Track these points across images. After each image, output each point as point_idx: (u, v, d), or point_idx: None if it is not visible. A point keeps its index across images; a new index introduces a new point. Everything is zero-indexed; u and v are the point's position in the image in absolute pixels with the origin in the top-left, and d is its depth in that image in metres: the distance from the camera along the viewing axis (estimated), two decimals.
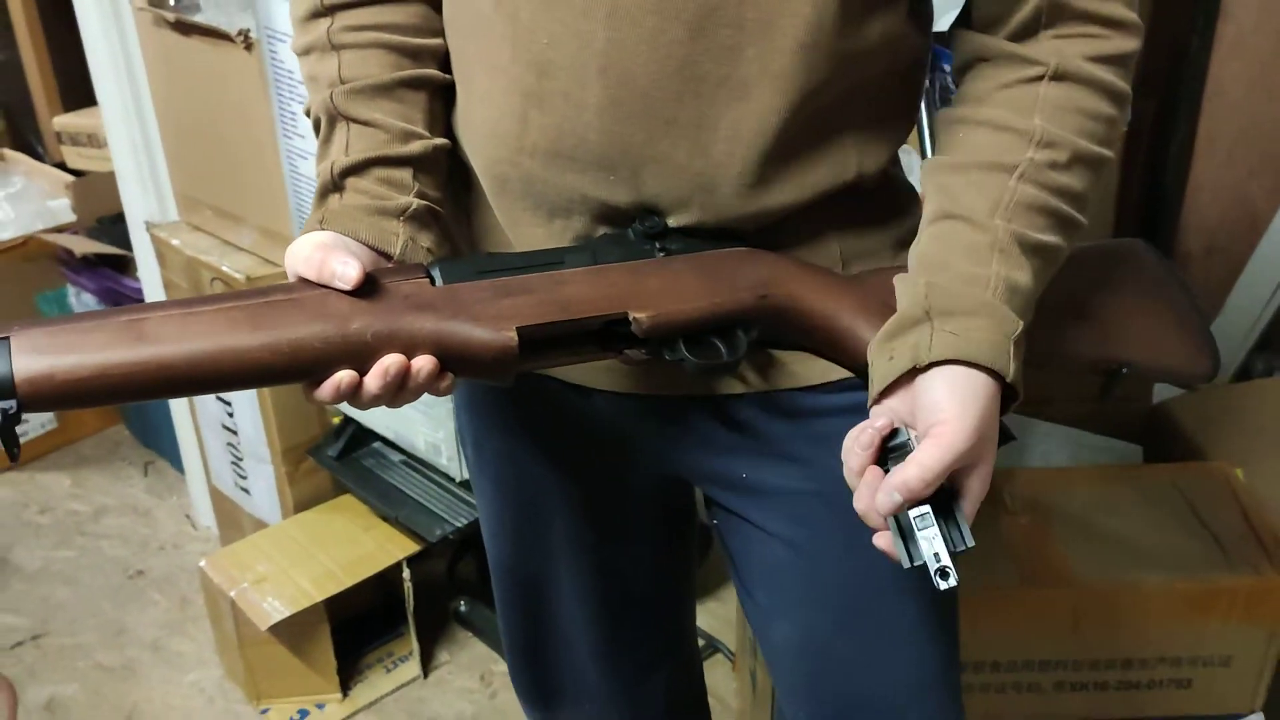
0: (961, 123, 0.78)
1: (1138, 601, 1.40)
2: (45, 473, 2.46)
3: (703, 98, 0.73)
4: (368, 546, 1.81)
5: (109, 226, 2.36)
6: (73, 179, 2.49)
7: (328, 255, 0.71)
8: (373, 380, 0.69)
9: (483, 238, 0.87)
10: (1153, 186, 1.99)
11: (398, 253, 0.77)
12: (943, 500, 0.70)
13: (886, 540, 0.71)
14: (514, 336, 0.71)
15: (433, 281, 0.73)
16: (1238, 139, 1.91)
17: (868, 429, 0.71)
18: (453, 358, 0.71)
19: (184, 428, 2.14)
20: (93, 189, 2.43)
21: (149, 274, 2.00)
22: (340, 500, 1.91)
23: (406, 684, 1.87)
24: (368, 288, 0.71)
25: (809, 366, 0.84)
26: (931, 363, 0.70)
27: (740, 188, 0.76)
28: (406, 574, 1.79)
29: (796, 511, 0.88)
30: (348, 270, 0.70)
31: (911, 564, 0.69)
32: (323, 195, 0.80)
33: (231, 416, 1.90)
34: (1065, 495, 1.53)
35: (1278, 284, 1.87)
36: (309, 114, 0.84)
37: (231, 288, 1.70)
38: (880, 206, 0.84)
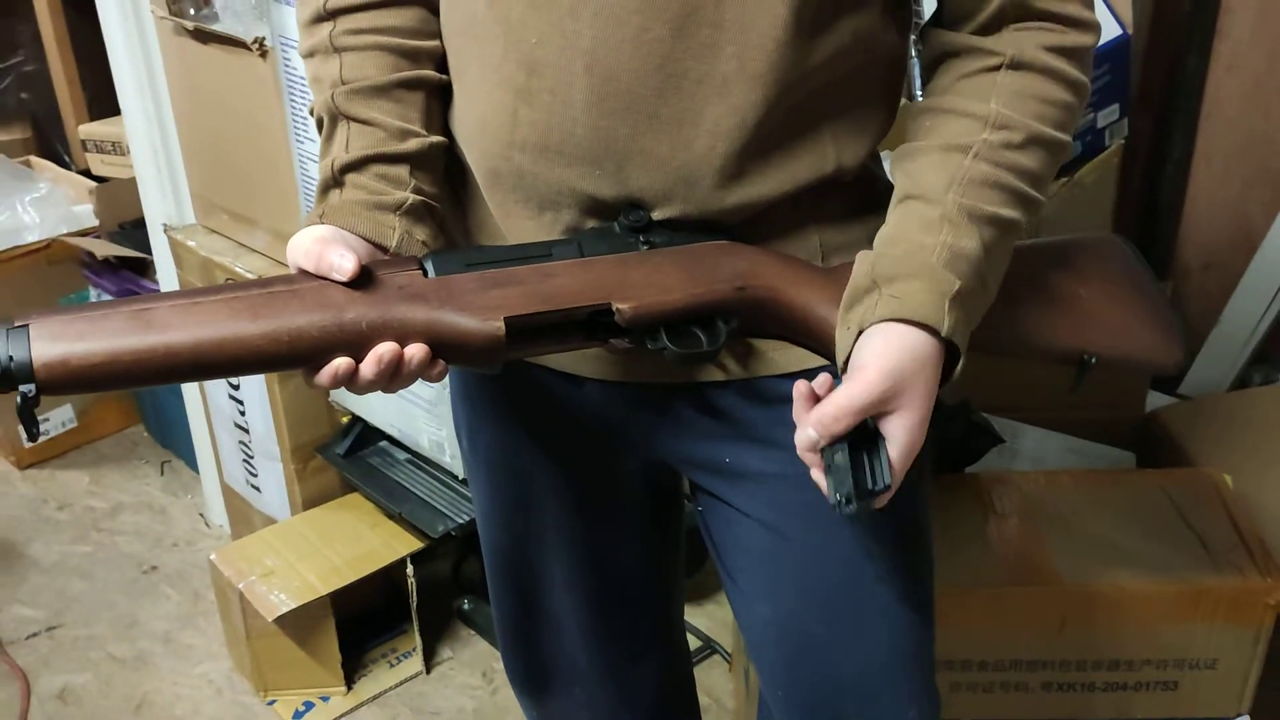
0: (925, 112, 0.82)
1: (1124, 603, 1.42)
2: (65, 470, 2.51)
3: (684, 93, 0.76)
4: (373, 543, 1.84)
5: (130, 231, 2.40)
6: (96, 185, 2.53)
7: (325, 248, 0.75)
8: (368, 367, 0.73)
9: (477, 230, 0.90)
10: (1150, 202, 2.01)
11: (394, 245, 0.81)
12: (869, 443, 0.74)
13: (818, 475, 0.75)
14: (501, 326, 0.74)
15: (425, 273, 0.76)
16: (1234, 155, 1.93)
17: (802, 381, 0.76)
18: (443, 346, 0.75)
19: (198, 427, 2.18)
20: (115, 194, 2.47)
21: (166, 275, 2.04)
22: (348, 498, 1.95)
23: (409, 679, 1.90)
24: (363, 279, 0.74)
25: (787, 355, 0.87)
26: (869, 325, 0.75)
27: (721, 180, 0.79)
28: (410, 570, 1.82)
29: (776, 496, 0.91)
30: (344, 263, 0.74)
31: (835, 495, 0.73)
32: (324, 190, 0.83)
33: (243, 415, 1.95)
34: (1054, 498, 1.55)
35: (1273, 296, 1.88)
36: (313, 114, 0.88)
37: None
38: (860, 200, 0.87)
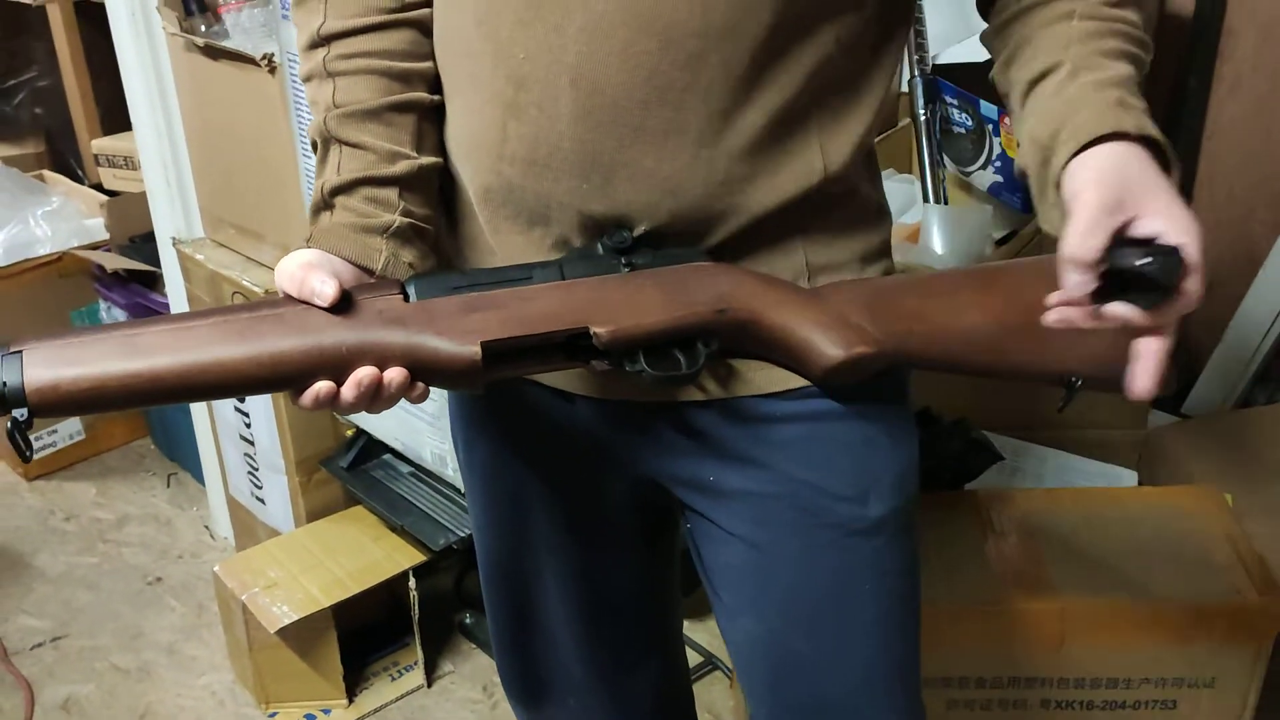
0: (1012, 19, 0.83)
1: (1123, 622, 1.42)
2: (72, 482, 2.53)
3: (669, 104, 0.77)
4: (375, 556, 1.85)
5: (140, 244, 2.42)
6: (107, 199, 2.56)
7: (308, 274, 0.76)
8: (348, 390, 0.75)
9: (469, 246, 0.91)
10: None
11: (379, 268, 0.82)
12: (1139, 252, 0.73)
13: (1111, 308, 0.74)
14: (478, 350, 0.76)
15: (407, 297, 0.78)
16: (1236, 176, 1.94)
17: (1050, 313, 0.76)
18: (422, 369, 0.76)
19: (205, 439, 2.20)
20: (126, 208, 2.50)
21: (175, 289, 2.06)
22: (351, 511, 1.96)
23: (410, 692, 1.91)
24: (345, 304, 0.76)
25: (768, 375, 0.87)
26: (1062, 170, 0.75)
27: (708, 190, 0.80)
28: (412, 583, 1.83)
29: (758, 513, 0.91)
30: (325, 288, 0.75)
31: (1146, 296, 0.73)
32: (315, 212, 0.85)
33: (249, 428, 1.96)
34: (1054, 515, 1.55)
35: (1275, 316, 1.89)
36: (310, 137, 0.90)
37: (250, 300, 1.76)
38: (848, 218, 0.88)
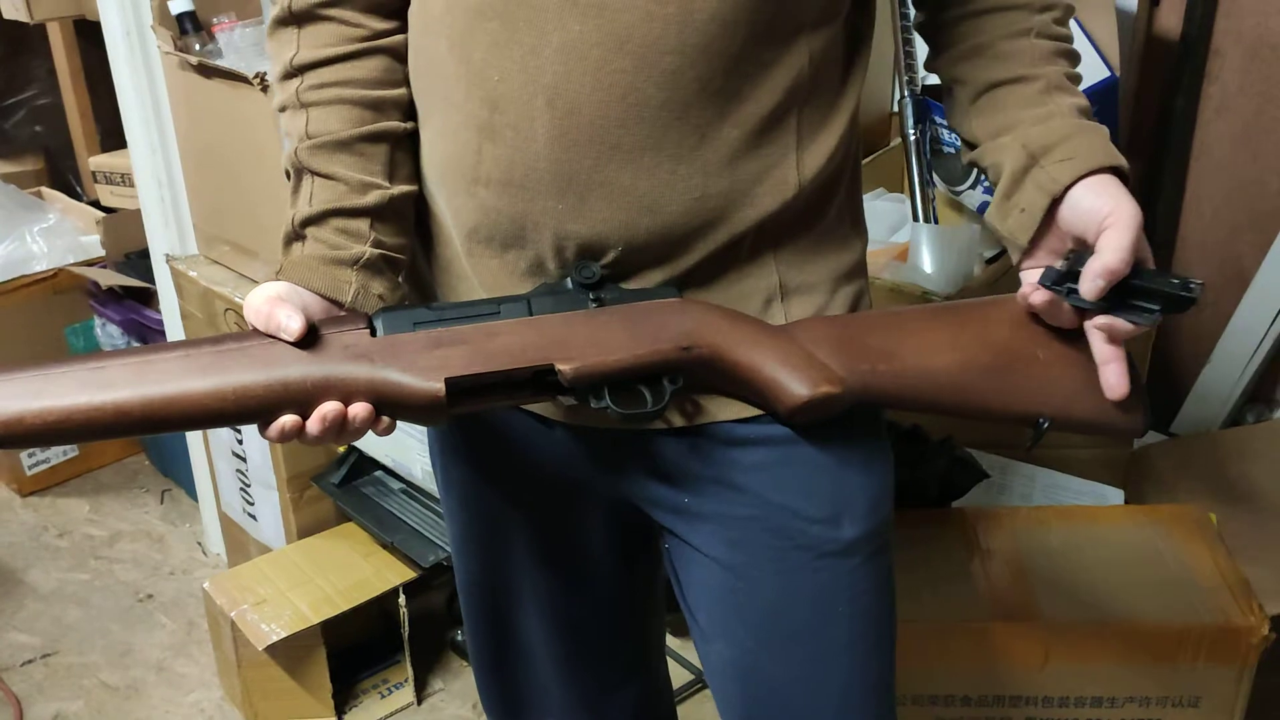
0: (965, 19, 0.89)
1: (1108, 640, 1.42)
2: (65, 498, 2.54)
3: (645, 121, 0.78)
4: (366, 573, 1.85)
5: (136, 261, 2.43)
6: (103, 215, 2.57)
7: (274, 308, 0.77)
8: (313, 424, 0.76)
9: (443, 271, 0.91)
10: None
11: (349, 300, 0.83)
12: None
13: (1106, 320, 0.81)
14: (441, 387, 0.76)
15: (373, 332, 0.78)
16: (1223, 197, 1.95)
17: (1037, 293, 0.83)
18: (387, 404, 0.77)
19: (198, 456, 2.20)
20: (122, 225, 2.50)
21: (169, 305, 2.07)
22: (342, 527, 1.96)
23: (400, 710, 1.90)
24: (311, 338, 0.77)
25: (735, 406, 0.87)
26: (1066, 188, 0.82)
27: (685, 206, 0.80)
28: (402, 601, 1.83)
29: (732, 536, 0.91)
30: (290, 323, 0.76)
31: (1149, 315, 0.80)
32: (287, 243, 0.86)
33: (241, 444, 1.97)
34: (1040, 534, 1.55)
35: (1263, 336, 1.90)
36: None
37: (243, 318, 1.77)
38: (822, 235, 0.88)
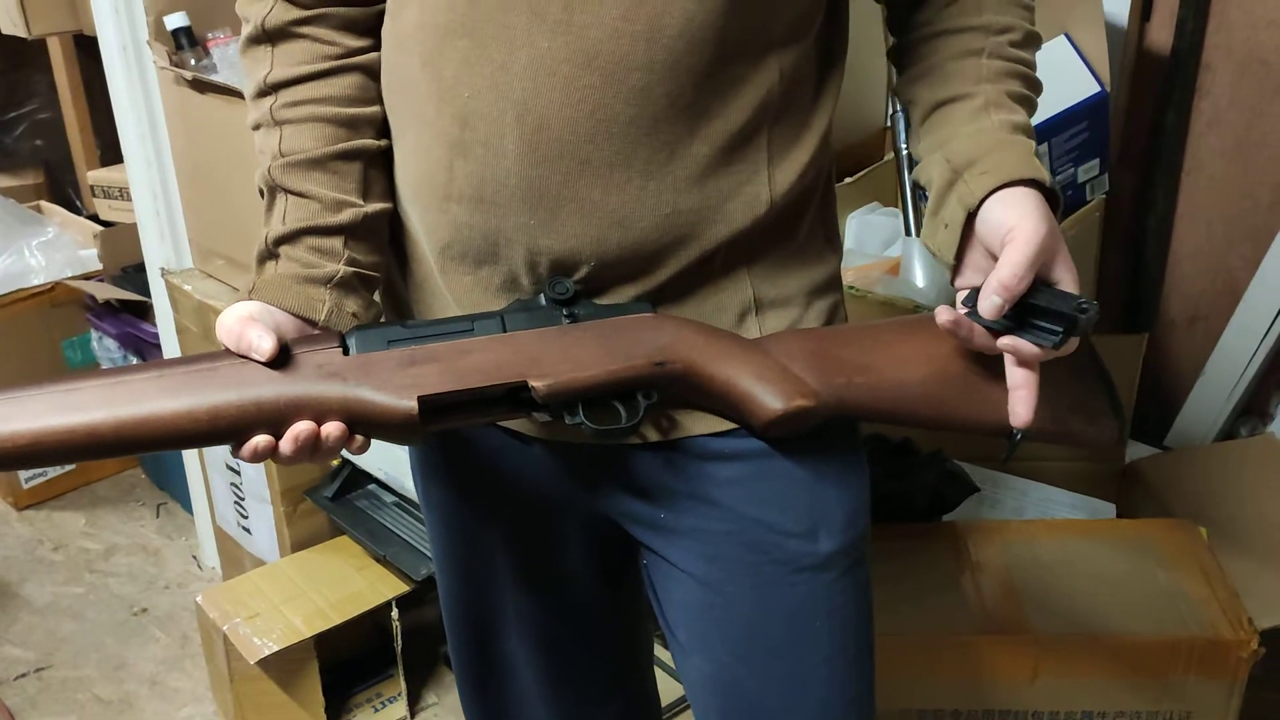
0: (921, 41, 0.88)
1: (1098, 655, 1.42)
2: (61, 511, 2.54)
3: (614, 137, 0.78)
4: (359, 586, 1.85)
5: (132, 275, 2.44)
6: (101, 229, 2.58)
7: (246, 328, 0.77)
8: (286, 444, 0.76)
9: (418, 289, 0.92)
10: (1135, 257, 2.04)
11: (322, 319, 0.83)
12: (1040, 292, 0.79)
13: (1009, 340, 0.79)
14: (414, 406, 0.76)
15: (346, 351, 0.78)
16: (1215, 211, 1.95)
17: (943, 310, 0.81)
18: (360, 423, 0.77)
19: (193, 469, 2.20)
20: (119, 239, 2.51)
21: (164, 319, 2.08)
22: (336, 541, 1.96)
23: None
24: (283, 358, 0.77)
25: (709, 420, 0.88)
26: (980, 201, 0.79)
27: (655, 222, 0.81)
28: (395, 614, 1.83)
29: (709, 550, 0.91)
30: (262, 343, 0.76)
31: (1051, 336, 0.78)
32: (260, 262, 0.86)
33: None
34: (1030, 547, 1.55)
35: (1255, 350, 1.90)
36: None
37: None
38: (796, 250, 0.88)
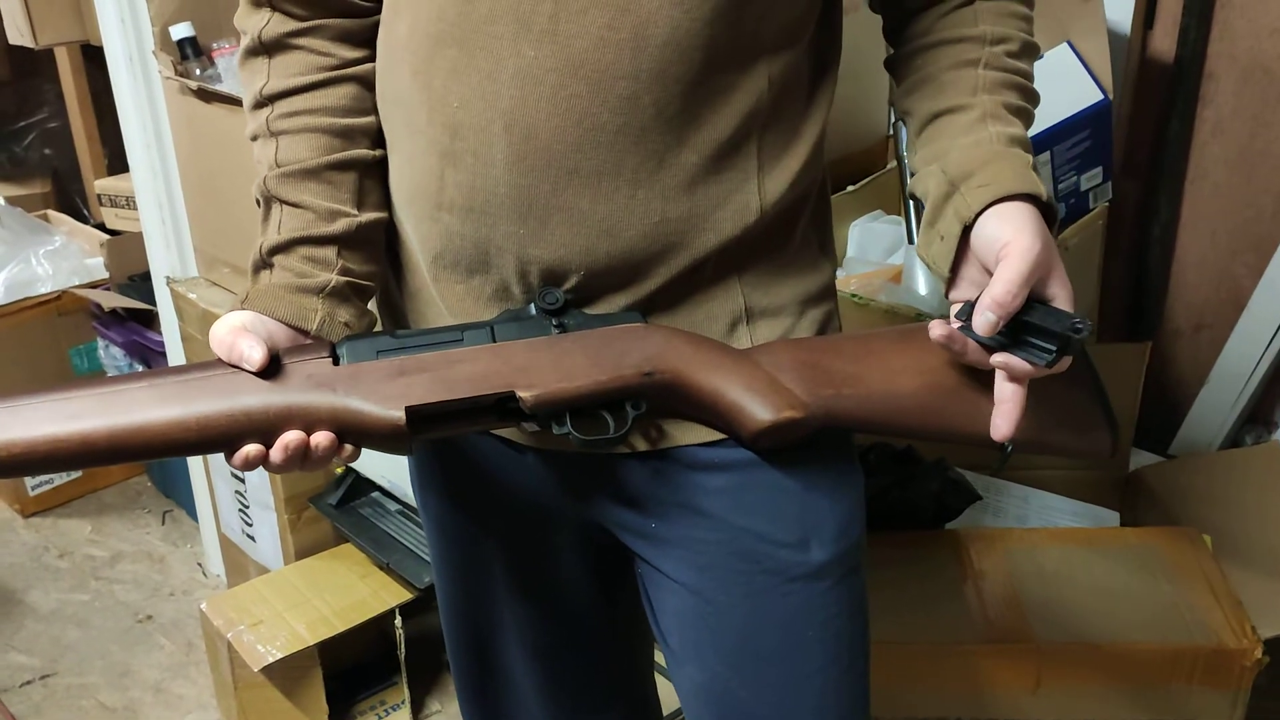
0: (918, 52, 0.88)
1: (1100, 664, 1.42)
2: (67, 519, 2.55)
3: (602, 146, 0.78)
4: (362, 594, 1.86)
5: (139, 283, 2.46)
6: (107, 238, 2.60)
7: (237, 338, 0.78)
8: (276, 454, 0.76)
9: (412, 298, 0.92)
10: (1139, 265, 2.03)
11: (314, 328, 0.83)
12: (1035, 309, 0.78)
13: (1002, 357, 0.78)
14: (402, 416, 0.77)
15: (336, 361, 0.79)
16: (1219, 219, 1.95)
17: (937, 325, 0.81)
18: (349, 433, 0.78)
19: (198, 477, 2.21)
20: (125, 247, 2.53)
21: (170, 327, 2.09)
22: (340, 548, 1.97)
23: None
24: (273, 368, 0.77)
25: (698, 430, 0.88)
26: (976, 214, 0.78)
27: (644, 231, 0.81)
28: (399, 622, 1.83)
29: (700, 560, 0.91)
30: (253, 353, 0.77)
31: (1044, 354, 0.76)
32: (255, 271, 0.86)
33: None
34: (1034, 556, 1.55)
35: (1259, 358, 1.89)
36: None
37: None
38: (788, 259, 0.88)
